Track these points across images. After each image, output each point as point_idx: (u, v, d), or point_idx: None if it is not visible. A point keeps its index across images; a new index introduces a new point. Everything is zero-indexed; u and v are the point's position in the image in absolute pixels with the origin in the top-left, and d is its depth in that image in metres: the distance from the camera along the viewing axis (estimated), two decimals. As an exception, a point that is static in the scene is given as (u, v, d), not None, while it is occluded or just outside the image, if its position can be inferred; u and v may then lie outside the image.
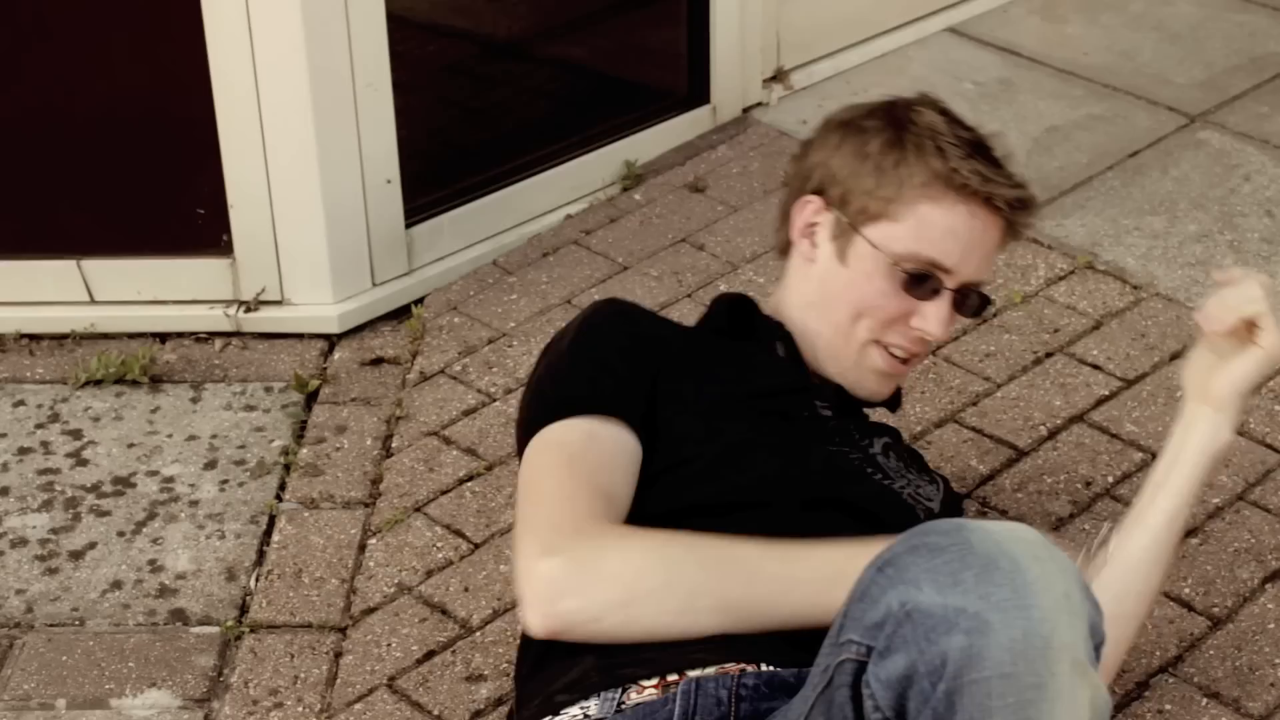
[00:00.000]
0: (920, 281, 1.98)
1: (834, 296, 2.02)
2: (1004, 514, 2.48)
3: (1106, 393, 2.73)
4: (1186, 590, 2.34)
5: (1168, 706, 2.17)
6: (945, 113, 2.08)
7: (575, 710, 1.76)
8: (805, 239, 2.05)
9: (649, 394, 1.95)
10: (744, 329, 2.09)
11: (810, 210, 2.05)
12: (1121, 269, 3.03)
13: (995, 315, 2.90)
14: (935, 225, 1.97)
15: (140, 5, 2.77)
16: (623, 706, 1.73)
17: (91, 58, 2.80)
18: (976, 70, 3.69)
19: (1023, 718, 1.39)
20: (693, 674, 1.72)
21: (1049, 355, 2.82)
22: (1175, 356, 2.80)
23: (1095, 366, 2.79)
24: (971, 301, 2.04)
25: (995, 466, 2.57)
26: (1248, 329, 1.89)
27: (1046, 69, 3.69)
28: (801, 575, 1.74)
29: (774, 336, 2.06)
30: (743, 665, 1.73)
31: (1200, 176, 3.30)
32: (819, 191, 2.05)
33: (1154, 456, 2.57)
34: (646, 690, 1.73)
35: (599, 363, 1.97)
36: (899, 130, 2.04)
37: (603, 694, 1.75)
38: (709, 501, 1.88)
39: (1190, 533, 2.44)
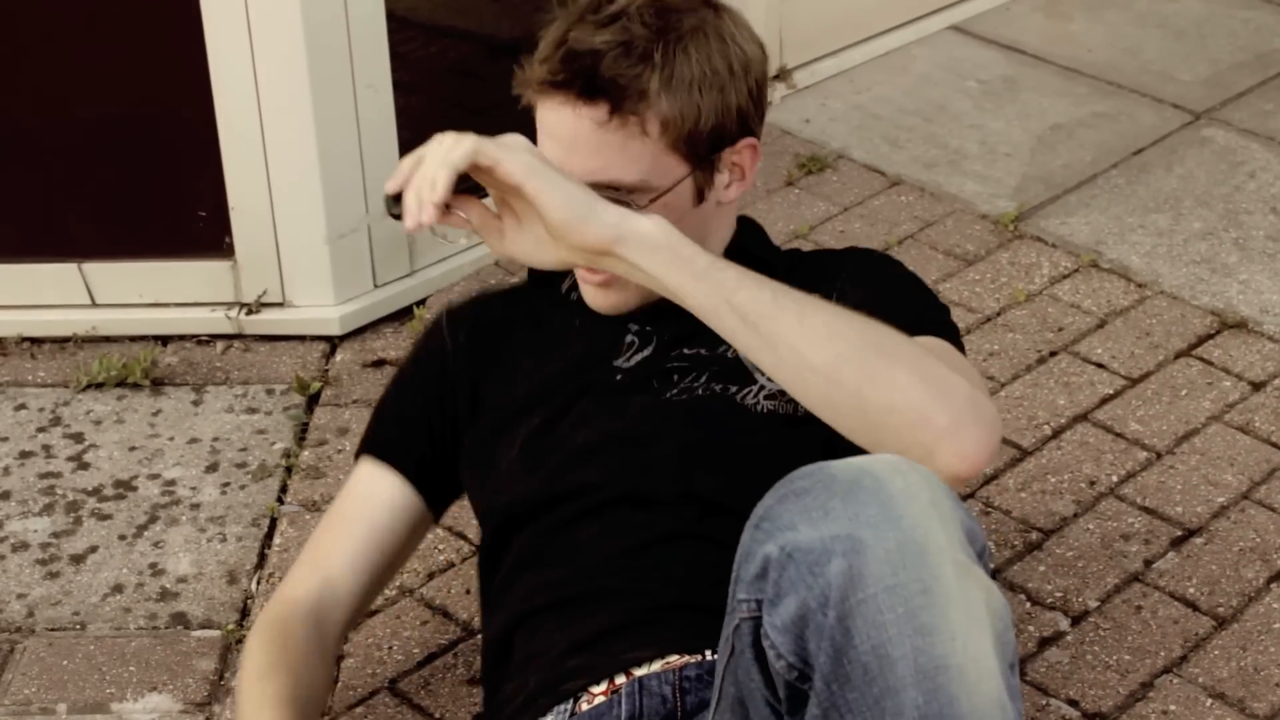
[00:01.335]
0: None
1: None
2: (1007, 514, 2.47)
3: (1111, 391, 2.72)
4: (1191, 590, 2.34)
5: (1172, 707, 2.17)
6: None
7: None
8: None
9: (440, 430, 2.04)
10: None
11: None
12: (1126, 267, 3.02)
13: (999, 314, 2.89)
14: (539, 126, 1.84)
15: (140, 8, 2.77)
16: (574, 717, 1.75)
17: (91, 61, 2.79)
18: (980, 68, 3.68)
19: (917, 625, 1.37)
20: (637, 673, 1.73)
21: (1053, 354, 2.81)
22: (1180, 355, 2.79)
23: (1099, 365, 2.78)
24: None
25: (999, 466, 2.56)
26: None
27: (1050, 66, 3.68)
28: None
29: (562, 276, 2.01)
30: (685, 657, 1.74)
31: (1205, 174, 3.29)
32: None
33: (1159, 455, 2.57)
34: (597, 697, 1.75)
35: (388, 402, 2.14)
36: None
37: (555, 710, 1.77)
38: (525, 507, 1.91)
39: (1195, 532, 2.43)
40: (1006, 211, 3.17)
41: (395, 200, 1.68)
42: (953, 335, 1.89)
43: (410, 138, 2.88)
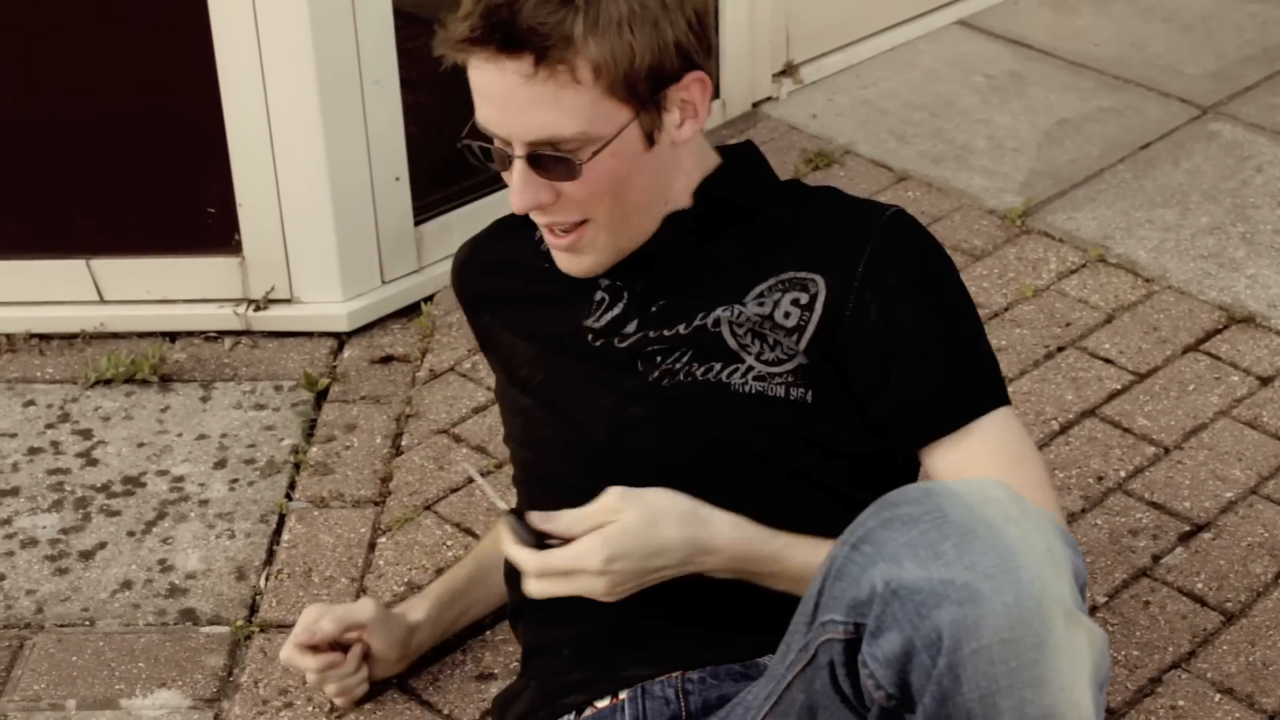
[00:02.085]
0: (497, 156, 1.78)
1: None
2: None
3: (1119, 386, 2.72)
4: (1199, 585, 2.34)
5: (1180, 702, 2.17)
6: None
7: None
8: None
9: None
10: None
11: None
12: (1133, 262, 3.02)
13: (1007, 309, 2.89)
14: (473, 86, 1.76)
15: (147, 5, 2.77)
16: None
17: (99, 58, 2.79)
18: (987, 63, 3.68)
19: (1028, 678, 1.39)
20: (639, 684, 1.77)
21: (1060, 349, 2.81)
22: (1188, 350, 2.79)
23: (1107, 360, 2.78)
24: (546, 166, 1.75)
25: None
26: None
27: (1057, 61, 3.68)
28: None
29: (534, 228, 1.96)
30: (685, 672, 1.76)
31: (1212, 168, 3.29)
32: None
33: (1167, 451, 2.57)
34: (599, 709, 1.78)
35: None
36: None
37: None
38: (528, 480, 1.95)
39: (1203, 527, 2.43)
40: (1014, 206, 3.17)
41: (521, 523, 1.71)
42: (995, 388, 1.80)
43: (417, 134, 2.89)
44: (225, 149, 2.81)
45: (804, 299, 1.80)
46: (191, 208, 2.89)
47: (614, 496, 1.68)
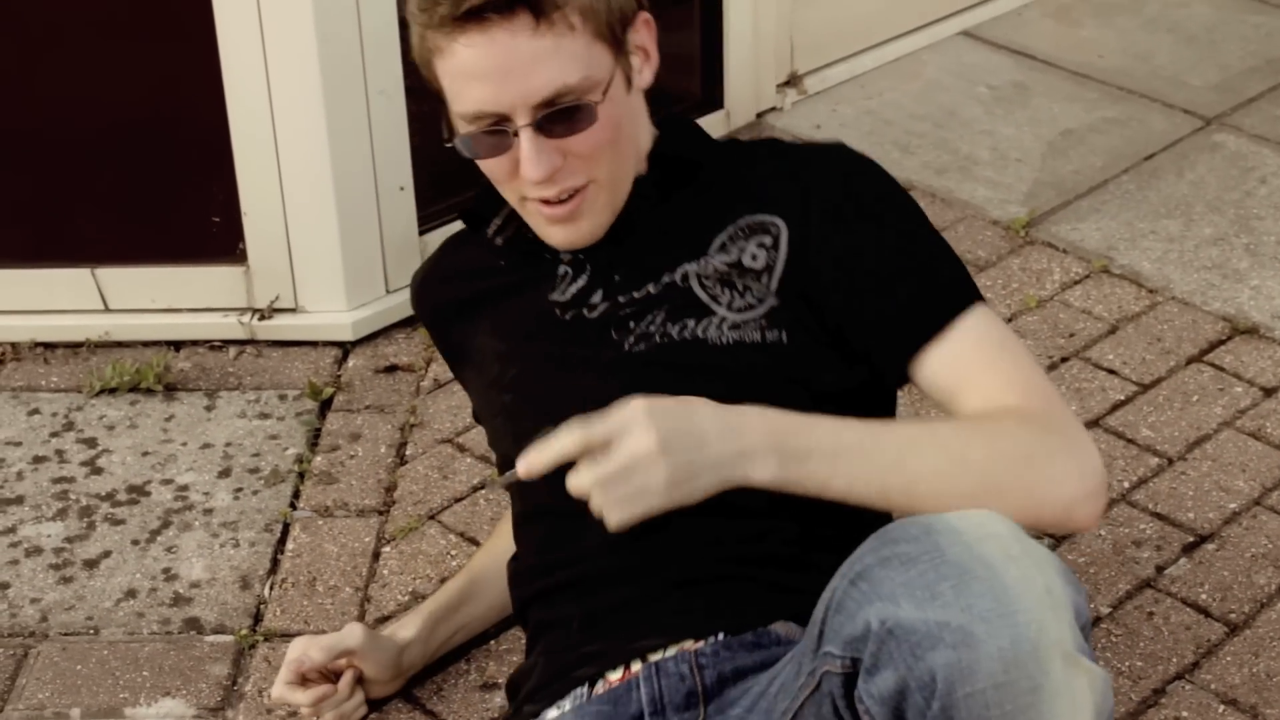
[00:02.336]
0: (490, 138, 1.76)
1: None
2: (1020, 520, 2.47)
3: (1122, 397, 2.72)
4: (1203, 596, 2.34)
5: (1184, 714, 2.17)
6: None
7: (551, 713, 1.81)
8: None
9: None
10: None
11: None
12: (1137, 273, 3.02)
13: (1011, 320, 2.89)
14: (453, 78, 1.75)
15: (152, 14, 2.77)
16: (591, 698, 1.77)
17: (105, 67, 2.80)
18: (991, 73, 3.69)
19: None
20: (652, 658, 1.75)
21: (1064, 360, 2.81)
22: (1191, 361, 2.79)
23: (1111, 371, 2.78)
24: (561, 120, 1.75)
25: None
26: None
27: (1061, 72, 3.68)
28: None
29: (489, 220, 1.97)
30: (698, 642, 1.75)
31: (1216, 179, 3.29)
32: None
33: (1171, 461, 2.57)
34: (613, 683, 1.77)
35: None
36: None
37: (571, 694, 1.80)
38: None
39: (1207, 538, 2.43)
40: (1018, 217, 3.17)
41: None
42: (967, 288, 1.82)
43: (422, 144, 2.89)
44: (230, 158, 2.82)
45: (768, 240, 1.82)
46: (196, 217, 2.89)
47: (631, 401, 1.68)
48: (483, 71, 1.72)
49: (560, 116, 1.74)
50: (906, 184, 3.27)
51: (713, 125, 3.41)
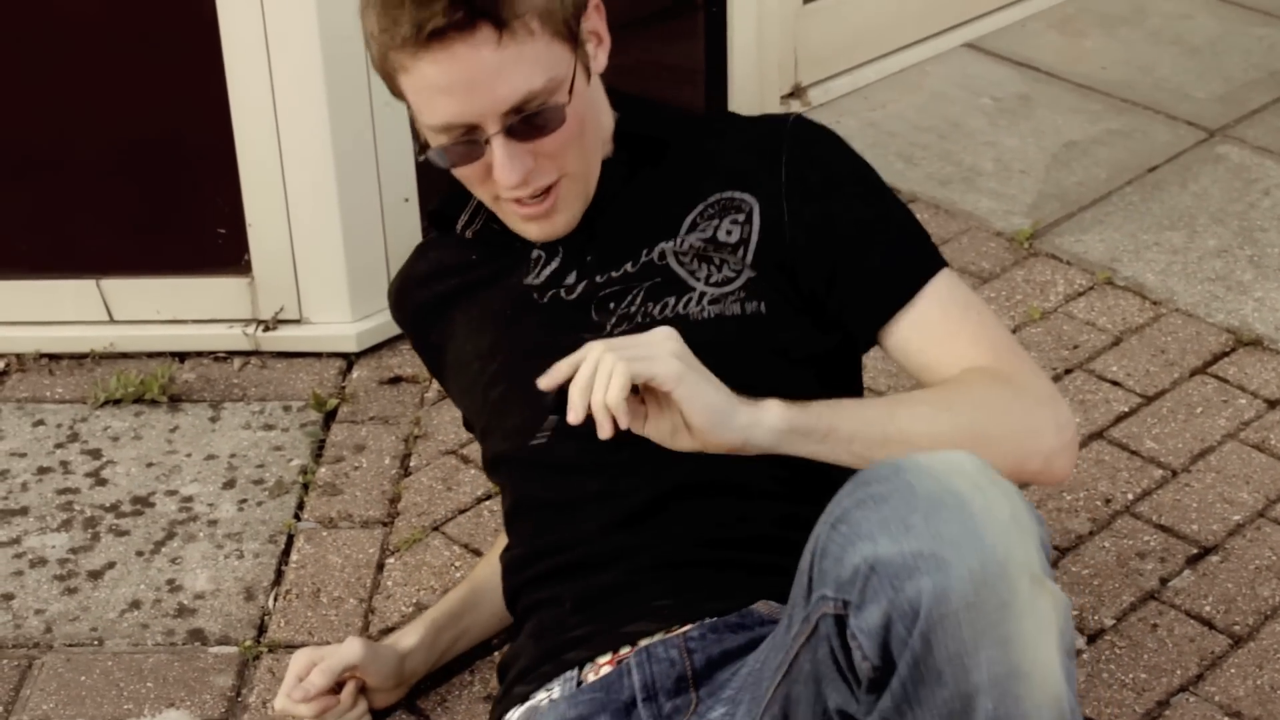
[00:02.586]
0: (462, 147, 1.78)
1: None
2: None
3: (1126, 409, 2.72)
4: (1207, 608, 2.34)
5: (1189, 725, 2.17)
6: None
7: (540, 695, 1.83)
8: None
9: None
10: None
11: None
12: (1141, 284, 3.02)
13: (1015, 331, 2.89)
14: (419, 93, 1.76)
15: (158, 25, 2.78)
16: (582, 685, 1.80)
17: (111, 79, 2.80)
18: (994, 85, 3.69)
19: (995, 637, 1.43)
20: (642, 643, 1.79)
21: (1068, 371, 2.81)
22: (1195, 373, 2.80)
23: (1115, 383, 2.78)
24: (531, 124, 1.76)
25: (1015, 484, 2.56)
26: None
27: (1065, 84, 3.69)
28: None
29: (458, 215, 1.98)
30: (686, 625, 1.79)
31: (1220, 191, 3.30)
32: None
33: (1175, 473, 2.57)
34: (603, 668, 1.80)
35: None
36: None
37: (560, 678, 1.83)
38: (510, 462, 1.97)
39: (1211, 550, 2.43)
40: (1021, 229, 3.17)
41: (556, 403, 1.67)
42: (932, 256, 1.89)
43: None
44: (235, 169, 2.82)
45: (740, 217, 1.87)
46: (201, 228, 2.90)
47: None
48: (449, 86, 1.73)
49: (529, 121, 1.75)
50: (910, 195, 3.28)
51: (717, 137, 3.42)
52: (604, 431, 1.62)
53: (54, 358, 2.92)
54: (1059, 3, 4.00)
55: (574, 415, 1.62)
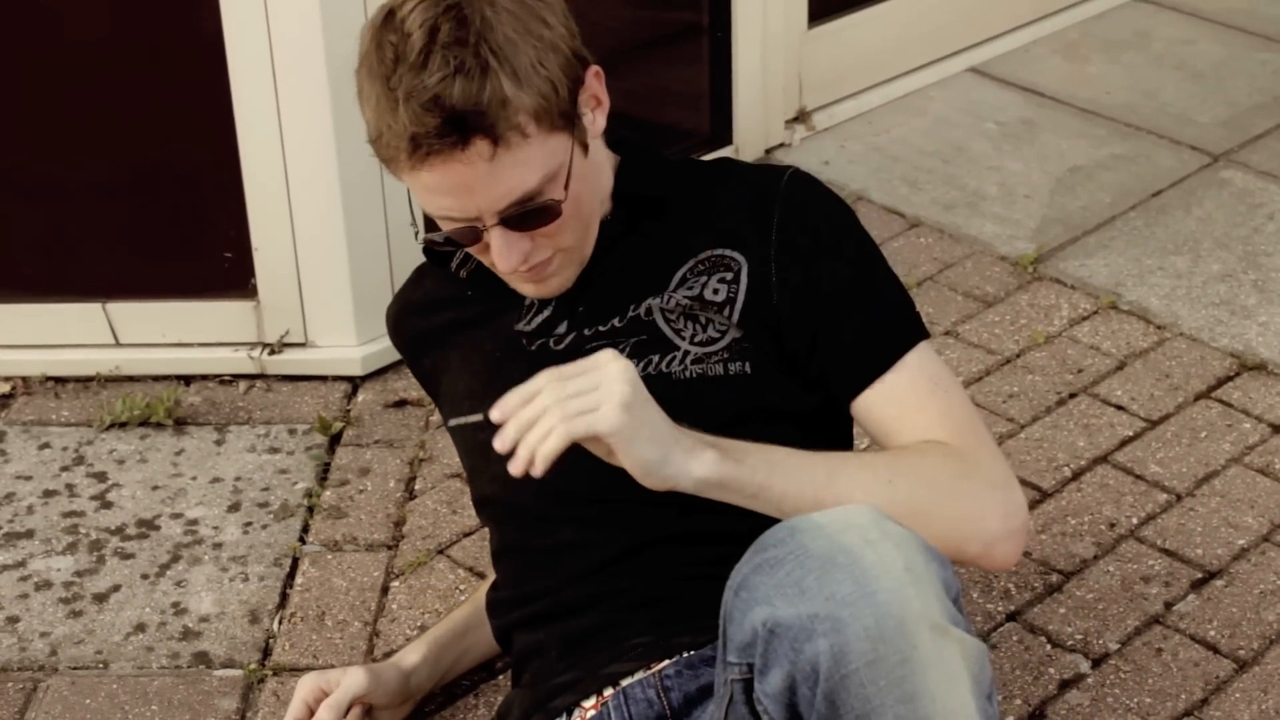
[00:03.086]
0: (462, 231, 1.80)
1: None
2: (1027, 556, 2.47)
3: (1130, 434, 2.72)
4: (1212, 633, 2.33)
5: (1194, 750, 2.17)
6: (377, 44, 1.77)
7: None
8: None
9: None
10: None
11: None
12: (1145, 309, 3.03)
13: (1019, 356, 2.90)
14: (417, 191, 1.78)
15: (164, 50, 2.79)
16: None
17: (118, 103, 2.81)
18: (998, 110, 3.70)
19: (899, 694, 1.43)
20: (623, 683, 1.81)
21: (1072, 396, 2.81)
22: (1200, 397, 2.80)
23: (1119, 407, 2.78)
24: (527, 218, 1.78)
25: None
26: None
27: (1069, 108, 3.69)
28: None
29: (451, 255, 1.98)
30: (664, 661, 1.80)
31: (1224, 216, 3.30)
32: None
33: (1179, 498, 2.57)
34: (588, 712, 1.83)
35: None
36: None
37: None
38: (493, 504, 1.99)
39: (1215, 574, 2.43)
40: (1026, 253, 3.18)
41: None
42: (914, 326, 1.87)
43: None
44: (241, 193, 2.83)
45: (729, 276, 1.86)
46: (207, 252, 2.90)
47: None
48: (447, 189, 1.75)
49: (526, 217, 1.77)
50: (914, 220, 3.29)
51: (721, 161, 3.43)
52: (516, 470, 1.62)
53: (60, 381, 2.93)
54: (1063, 28, 4.01)
55: (500, 444, 1.63)
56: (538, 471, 1.62)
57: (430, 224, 1.88)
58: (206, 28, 2.72)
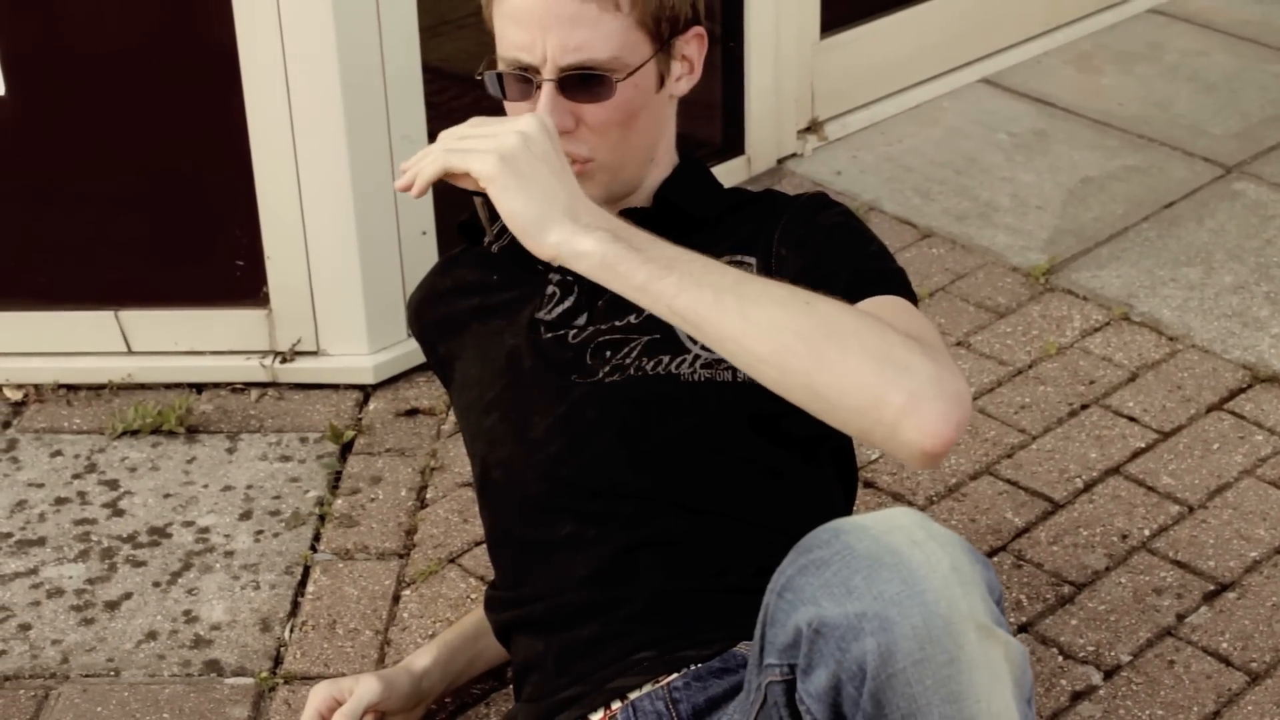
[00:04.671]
0: (516, 82, 1.84)
1: None
2: (1039, 567, 2.47)
3: (1143, 445, 2.72)
4: (1224, 645, 2.33)
5: (1206, 763, 2.16)
6: None
7: None
8: None
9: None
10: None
11: None
12: (1157, 320, 3.02)
13: (1030, 367, 2.89)
14: (502, 20, 1.84)
15: (178, 59, 2.79)
16: None
17: (130, 111, 2.82)
18: (1011, 121, 3.70)
19: (945, 694, 1.43)
20: (631, 696, 1.81)
21: (1085, 407, 2.81)
22: (1212, 409, 2.79)
23: (1131, 419, 2.78)
24: (581, 85, 1.82)
25: (1031, 519, 2.56)
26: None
27: (1081, 120, 3.69)
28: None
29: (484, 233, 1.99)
30: (671, 675, 1.79)
31: (1236, 227, 3.30)
32: None
33: (1191, 509, 2.57)
34: None
35: None
36: None
37: None
38: (494, 493, 2.00)
39: (1227, 586, 2.43)
40: (1038, 264, 3.17)
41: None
42: (900, 286, 1.83)
43: (444, 188, 2.89)
44: (254, 202, 2.83)
45: None
46: (219, 260, 2.91)
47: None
48: (525, 18, 1.80)
49: (579, 82, 1.82)
50: (926, 230, 3.29)
51: (734, 171, 3.43)
52: (398, 184, 1.71)
53: (72, 388, 2.93)
54: (1076, 39, 4.01)
55: (398, 182, 1.72)
56: (415, 193, 1.68)
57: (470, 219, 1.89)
58: (220, 37, 2.72)
